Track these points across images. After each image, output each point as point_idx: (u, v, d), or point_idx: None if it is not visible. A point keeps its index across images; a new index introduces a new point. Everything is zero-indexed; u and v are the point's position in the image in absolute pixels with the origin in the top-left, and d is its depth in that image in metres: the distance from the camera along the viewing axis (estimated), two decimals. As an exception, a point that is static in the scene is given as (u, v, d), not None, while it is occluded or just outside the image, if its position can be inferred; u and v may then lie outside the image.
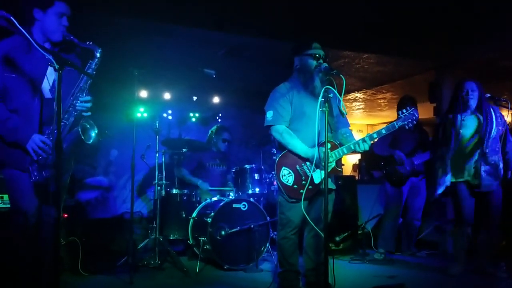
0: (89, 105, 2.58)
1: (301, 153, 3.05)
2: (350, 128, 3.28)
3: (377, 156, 4.97)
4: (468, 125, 3.90)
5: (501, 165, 3.84)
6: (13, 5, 2.22)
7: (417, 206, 4.94)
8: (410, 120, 3.05)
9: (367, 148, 2.99)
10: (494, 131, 3.82)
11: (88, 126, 2.58)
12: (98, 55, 2.61)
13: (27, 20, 2.51)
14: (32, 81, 2.48)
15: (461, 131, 3.85)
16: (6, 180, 2.52)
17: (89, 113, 2.60)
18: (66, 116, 2.53)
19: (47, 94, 2.55)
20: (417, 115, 3.06)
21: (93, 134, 2.60)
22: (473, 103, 3.87)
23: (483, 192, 3.85)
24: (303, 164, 3.08)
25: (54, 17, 2.51)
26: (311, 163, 3.01)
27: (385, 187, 4.95)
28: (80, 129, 2.51)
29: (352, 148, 3.02)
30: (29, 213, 2.46)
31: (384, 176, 4.91)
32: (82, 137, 2.51)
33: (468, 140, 3.89)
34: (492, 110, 3.88)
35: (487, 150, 3.79)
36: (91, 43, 2.58)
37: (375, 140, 3.07)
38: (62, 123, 2.44)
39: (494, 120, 3.84)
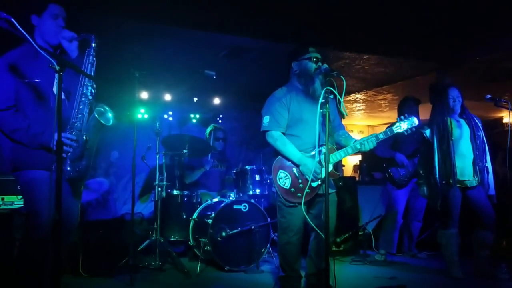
0: (93, 91, 2.60)
1: (295, 160, 3.06)
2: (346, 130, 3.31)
3: (378, 158, 4.97)
4: (461, 128, 3.97)
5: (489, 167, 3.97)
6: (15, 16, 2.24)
7: (418, 207, 4.94)
8: (408, 125, 3.04)
9: (370, 147, 2.99)
10: (481, 134, 3.96)
11: (103, 110, 2.61)
12: (93, 42, 2.62)
13: (28, 29, 2.54)
14: (43, 85, 2.52)
15: (454, 133, 3.92)
16: (26, 183, 2.52)
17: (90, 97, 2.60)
18: (81, 107, 2.55)
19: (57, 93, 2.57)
20: (416, 123, 3.04)
21: (110, 115, 2.62)
22: (457, 109, 4.01)
23: (475, 190, 3.89)
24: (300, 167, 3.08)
25: (50, 19, 2.57)
26: (303, 173, 3.02)
27: (387, 188, 4.95)
28: (96, 114, 2.54)
29: (350, 151, 3.02)
30: (45, 219, 2.46)
31: (386, 178, 4.91)
32: (101, 121, 2.55)
33: (460, 141, 3.92)
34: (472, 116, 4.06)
35: (477, 151, 3.89)
36: (84, 34, 2.61)
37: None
38: (79, 115, 2.53)
39: (479, 123, 4.01)
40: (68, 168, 2.49)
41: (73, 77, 2.65)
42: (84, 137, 2.52)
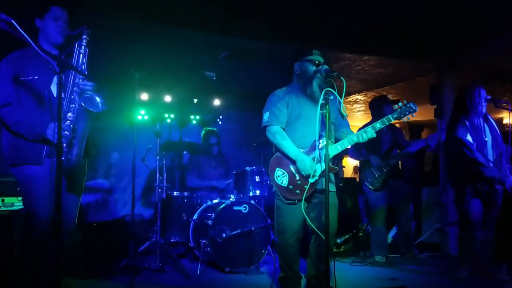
0: (92, 83, 2.60)
1: (292, 155, 3.05)
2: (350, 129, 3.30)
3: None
4: (483, 130, 3.90)
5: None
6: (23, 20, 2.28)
7: (404, 206, 4.90)
8: (407, 112, 2.97)
9: (369, 136, 2.95)
10: (498, 138, 3.90)
11: (89, 95, 2.57)
12: (85, 33, 2.66)
13: (33, 32, 2.63)
14: (40, 83, 2.60)
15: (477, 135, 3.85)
16: (22, 180, 2.57)
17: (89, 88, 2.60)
18: (73, 97, 2.57)
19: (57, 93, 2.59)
20: (414, 107, 2.97)
21: (98, 100, 2.58)
22: (484, 111, 3.93)
23: (492, 191, 3.84)
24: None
25: (51, 21, 2.69)
26: (299, 170, 3.01)
27: (366, 194, 4.84)
28: (82, 103, 2.55)
29: (347, 144, 3.01)
30: (43, 217, 2.48)
31: (363, 182, 4.82)
32: (89, 109, 2.54)
33: (482, 143, 3.86)
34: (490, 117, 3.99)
35: (494, 154, 3.84)
36: (78, 28, 2.66)
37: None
38: (72, 105, 2.54)
39: (496, 126, 3.95)
40: (63, 158, 2.45)
41: (68, 74, 2.67)
42: (72, 126, 2.52)
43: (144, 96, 5.89)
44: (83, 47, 2.66)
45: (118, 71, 4.30)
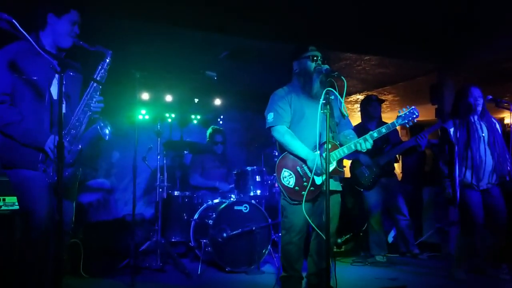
0: (102, 105, 2.66)
1: (302, 155, 3.05)
2: (353, 129, 3.30)
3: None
4: (480, 131, 3.89)
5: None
6: (29, 8, 2.25)
7: (397, 204, 4.89)
8: (410, 118, 3.04)
9: (369, 146, 2.97)
10: (499, 138, 3.87)
11: (103, 124, 2.65)
12: (108, 57, 2.69)
13: (39, 24, 2.58)
14: (40, 83, 2.52)
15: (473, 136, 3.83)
16: (17, 182, 2.52)
17: (98, 110, 2.67)
18: (81, 116, 2.59)
19: (57, 95, 2.57)
20: (417, 114, 3.03)
21: (107, 131, 2.66)
22: (479, 109, 3.90)
23: (492, 193, 3.82)
24: (303, 165, 3.07)
25: (67, 24, 2.59)
26: (310, 168, 3.01)
27: (361, 193, 4.83)
28: (98, 127, 2.59)
29: (353, 147, 3.01)
30: (41, 217, 2.46)
31: (353, 181, 4.81)
32: (101, 134, 2.60)
33: (480, 145, 3.84)
34: (492, 118, 3.96)
35: (498, 157, 3.81)
36: (100, 46, 2.64)
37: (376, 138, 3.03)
38: (77, 123, 2.56)
39: (498, 127, 3.92)
40: (51, 173, 2.48)
41: (74, 81, 2.67)
42: (80, 147, 2.53)
43: (145, 96, 5.89)
44: (103, 71, 2.67)
45: (119, 70, 4.28)
